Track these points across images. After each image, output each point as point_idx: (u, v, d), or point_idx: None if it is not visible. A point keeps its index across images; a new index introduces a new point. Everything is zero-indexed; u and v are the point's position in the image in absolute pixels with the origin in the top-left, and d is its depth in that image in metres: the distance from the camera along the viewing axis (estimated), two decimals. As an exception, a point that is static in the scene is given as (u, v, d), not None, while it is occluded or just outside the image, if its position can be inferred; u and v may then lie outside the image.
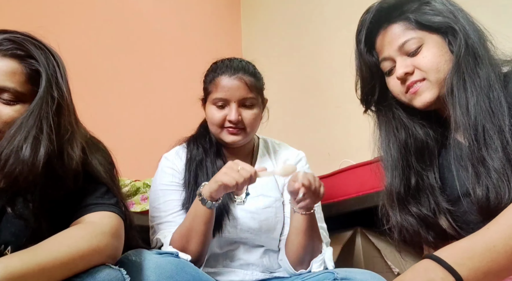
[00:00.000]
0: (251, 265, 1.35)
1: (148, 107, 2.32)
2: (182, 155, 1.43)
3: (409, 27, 0.99)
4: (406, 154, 1.03)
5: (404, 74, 0.98)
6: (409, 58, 0.99)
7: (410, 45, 0.98)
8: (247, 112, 1.37)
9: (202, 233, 1.23)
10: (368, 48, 1.06)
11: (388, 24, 1.02)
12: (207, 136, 1.44)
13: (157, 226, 1.35)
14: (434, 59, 0.96)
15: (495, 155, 0.88)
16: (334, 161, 1.96)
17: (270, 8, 2.80)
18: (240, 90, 1.35)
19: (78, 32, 2.11)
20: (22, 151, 0.90)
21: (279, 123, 2.11)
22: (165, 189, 1.38)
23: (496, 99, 0.90)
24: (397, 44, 0.99)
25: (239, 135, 1.37)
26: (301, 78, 2.48)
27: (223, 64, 1.40)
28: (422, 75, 0.97)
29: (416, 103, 1.00)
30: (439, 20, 0.96)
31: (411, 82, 0.98)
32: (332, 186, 1.73)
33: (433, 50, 0.97)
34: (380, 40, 1.03)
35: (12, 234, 0.98)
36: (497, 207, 0.86)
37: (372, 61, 1.06)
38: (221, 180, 1.17)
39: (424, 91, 0.98)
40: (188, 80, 1.52)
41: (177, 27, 2.61)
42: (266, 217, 1.35)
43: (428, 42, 0.97)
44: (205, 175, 1.36)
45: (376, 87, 1.08)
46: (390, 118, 1.07)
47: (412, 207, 1.01)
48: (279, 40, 2.68)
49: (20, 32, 1.01)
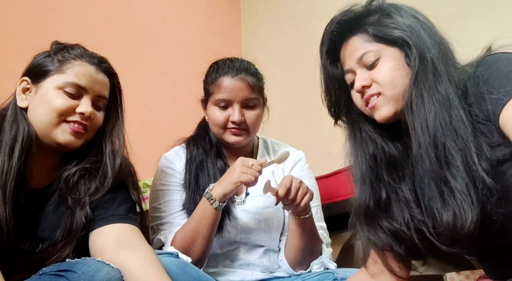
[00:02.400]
0: (251, 265, 1.35)
1: (147, 107, 2.32)
2: (182, 155, 1.43)
3: (367, 39, 0.96)
4: (375, 167, 0.99)
5: (362, 87, 0.96)
6: (368, 71, 0.96)
7: (368, 58, 0.96)
8: (249, 113, 1.36)
9: (207, 235, 1.23)
10: (333, 60, 1.04)
11: (349, 36, 1.00)
12: (206, 137, 1.44)
13: (158, 226, 1.34)
14: (389, 74, 0.93)
15: (458, 174, 0.83)
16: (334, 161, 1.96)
17: (270, 7, 2.80)
18: (243, 91, 1.35)
19: (77, 32, 2.11)
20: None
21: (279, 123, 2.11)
22: (165, 189, 1.38)
23: (457, 116, 0.86)
24: (356, 57, 0.97)
25: (242, 136, 1.36)
26: (301, 78, 2.48)
27: (225, 64, 1.39)
28: (378, 89, 0.94)
29: (376, 118, 0.96)
30: (396, 33, 0.94)
31: (368, 95, 0.96)
32: (332, 186, 1.72)
33: (389, 64, 0.94)
34: (342, 52, 1.02)
35: (49, 230, 1.08)
36: (460, 231, 0.82)
37: (337, 73, 1.04)
38: (239, 180, 1.18)
39: (381, 107, 0.94)
40: (188, 80, 1.52)
41: (177, 26, 2.61)
42: (266, 217, 1.35)
43: (386, 55, 0.95)
44: (206, 175, 1.36)
45: (341, 99, 1.05)
46: (356, 131, 1.04)
47: (383, 222, 0.97)
48: (279, 39, 2.68)
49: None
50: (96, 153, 1.15)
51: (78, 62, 1.11)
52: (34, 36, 1.96)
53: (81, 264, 0.92)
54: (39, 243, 1.07)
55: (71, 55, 1.12)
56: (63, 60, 1.11)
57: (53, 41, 1.17)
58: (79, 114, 1.09)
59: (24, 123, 1.08)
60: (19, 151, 1.04)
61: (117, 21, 2.33)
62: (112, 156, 1.14)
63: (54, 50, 1.14)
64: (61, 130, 1.08)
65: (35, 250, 1.07)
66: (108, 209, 1.11)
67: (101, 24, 2.25)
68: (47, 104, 1.08)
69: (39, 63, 1.12)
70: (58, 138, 1.08)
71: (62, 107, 1.07)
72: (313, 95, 2.53)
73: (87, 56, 1.14)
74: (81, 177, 1.12)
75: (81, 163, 1.14)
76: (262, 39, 2.82)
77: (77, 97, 1.10)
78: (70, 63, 1.11)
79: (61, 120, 1.08)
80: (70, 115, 1.08)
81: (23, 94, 1.12)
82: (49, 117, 1.07)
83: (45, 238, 1.08)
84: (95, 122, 1.13)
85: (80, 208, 1.08)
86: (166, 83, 2.46)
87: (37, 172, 1.11)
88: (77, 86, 1.09)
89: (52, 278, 0.92)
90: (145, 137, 2.18)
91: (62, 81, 1.09)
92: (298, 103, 2.47)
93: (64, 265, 0.95)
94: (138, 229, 1.12)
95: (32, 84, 1.12)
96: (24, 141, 1.05)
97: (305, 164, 1.48)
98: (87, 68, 1.11)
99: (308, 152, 1.57)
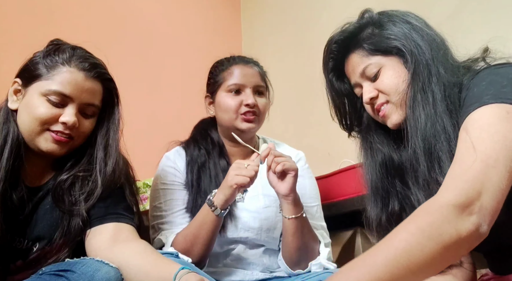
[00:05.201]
0: (251, 264, 1.35)
1: (147, 107, 2.32)
2: (183, 155, 1.42)
3: (365, 54, 1.00)
4: (386, 175, 1.03)
5: (370, 100, 1.00)
6: (372, 83, 1.00)
7: (369, 71, 0.99)
8: (260, 99, 1.40)
9: (207, 240, 1.24)
10: (338, 76, 1.08)
11: (349, 54, 1.04)
12: (208, 138, 1.44)
13: (158, 225, 1.34)
14: (391, 82, 0.97)
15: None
16: (334, 161, 1.96)
17: (270, 7, 2.80)
18: (254, 77, 1.40)
19: (77, 31, 2.10)
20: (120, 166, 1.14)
21: (279, 123, 2.11)
22: (166, 188, 1.37)
23: (446, 119, 0.88)
24: (359, 72, 1.01)
25: (254, 122, 1.37)
26: (301, 77, 2.48)
27: (232, 57, 1.45)
28: (385, 98, 0.98)
29: (389, 125, 1.00)
30: (391, 44, 0.97)
31: (378, 105, 1.00)
32: (332, 186, 1.72)
33: (390, 73, 0.97)
34: (346, 68, 1.06)
35: (46, 230, 1.07)
36: None
37: (344, 88, 1.08)
38: (234, 183, 1.19)
39: (391, 114, 0.98)
40: (188, 79, 1.52)
41: (177, 26, 2.61)
42: (267, 216, 1.35)
43: (385, 65, 0.98)
44: (208, 177, 1.36)
45: (351, 113, 1.09)
46: (367, 141, 1.07)
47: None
48: (279, 39, 2.68)
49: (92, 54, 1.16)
50: (88, 160, 1.14)
51: (66, 69, 1.07)
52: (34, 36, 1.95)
53: (80, 264, 0.92)
54: (36, 242, 1.07)
55: (60, 60, 1.08)
56: (51, 65, 1.07)
57: (50, 40, 1.15)
58: (62, 124, 1.06)
59: (14, 125, 1.07)
60: (8, 153, 1.04)
61: (116, 21, 2.33)
62: (103, 163, 1.12)
63: (45, 52, 1.10)
64: (44, 138, 1.06)
65: (32, 249, 1.07)
66: (104, 208, 1.11)
67: (100, 24, 2.25)
68: (30, 111, 1.06)
69: (30, 66, 1.10)
70: (41, 146, 1.07)
71: (45, 116, 1.05)
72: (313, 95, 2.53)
73: (77, 61, 1.08)
74: (73, 184, 1.11)
75: (74, 169, 1.12)
76: (262, 39, 2.82)
77: (61, 105, 1.06)
78: (57, 68, 1.07)
79: (43, 129, 1.06)
80: (52, 124, 1.06)
81: (15, 95, 1.10)
82: (31, 126, 1.06)
83: (42, 237, 1.08)
84: (81, 130, 1.10)
85: (75, 213, 1.08)
86: (166, 83, 2.46)
87: (31, 170, 1.11)
88: (61, 94, 1.05)
89: (51, 277, 0.93)
90: (145, 137, 2.18)
91: (47, 88, 1.05)
92: (298, 103, 2.47)
93: (64, 265, 0.95)
94: (133, 228, 1.11)
95: (22, 87, 1.09)
96: (13, 142, 1.05)
97: (305, 164, 1.49)
98: (74, 76, 1.07)
99: (308, 152, 1.57)
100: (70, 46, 1.13)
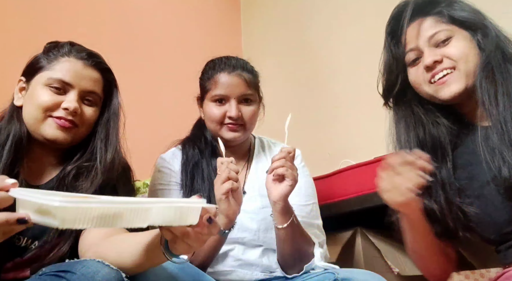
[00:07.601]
0: (250, 265, 1.35)
1: (147, 107, 2.31)
2: (178, 156, 1.43)
3: (441, 20, 1.03)
4: (422, 150, 1.03)
5: (433, 62, 1.01)
6: (438, 49, 1.02)
7: (439, 36, 1.02)
8: (246, 108, 1.38)
9: (209, 255, 1.25)
10: (396, 41, 1.09)
11: (420, 17, 1.05)
12: (202, 137, 1.44)
13: (156, 226, 1.34)
14: (463, 50, 1.00)
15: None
16: (334, 161, 1.96)
17: (270, 7, 2.80)
18: (239, 87, 1.36)
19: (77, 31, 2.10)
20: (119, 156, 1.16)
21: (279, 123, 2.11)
22: (163, 188, 1.38)
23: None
24: (427, 35, 1.02)
25: (239, 132, 1.37)
26: (301, 77, 2.48)
27: (221, 61, 1.41)
28: (452, 63, 1.00)
29: (443, 95, 1.01)
30: (472, 16, 1.01)
31: (439, 69, 1.01)
32: (332, 186, 1.72)
33: (463, 43, 1.01)
34: (410, 31, 1.06)
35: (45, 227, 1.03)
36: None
37: (398, 53, 1.08)
38: (221, 194, 1.14)
39: (453, 83, 1.00)
40: (188, 79, 1.52)
41: (177, 26, 2.61)
42: (264, 217, 1.35)
43: (458, 35, 1.01)
44: (201, 177, 1.36)
45: (398, 80, 1.10)
46: (409, 114, 1.09)
47: (424, 200, 1.02)
48: (279, 39, 2.68)
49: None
50: (91, 151, 1.16)
51: (65, 59, 1.13)
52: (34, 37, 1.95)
53: (80, 265, 0.91)
54: (35, 240, 1.08)
55: (60, 53, 1.14)
56: (52, 58, 1.13)
57: (47, 43, 1.19)
58: (64, 110, 1.09)
59: (17, 122, 1.11)
60: (8, 149, 1.06)
61: (116, 21, 2.33)
62: (104, 153, 1.14)
63: (45, 49, 1.16)
64: (48, 125, 1.10)
65: (31, 247, 1.07)
66: None
67: (100, 24, 2.25)
68: (34, 101, 1.10)
69: (32, 63, 1.16)
70: (46, 134, 1.10)
71: (47, 103, 1.09)
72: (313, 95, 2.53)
73: (75, 51, 1.14)
74: (77, 175, 1.13)
75: (78, 161, 1.15)
76: (262, 39, 2.82)
77: (63, 92, 1.11)
78: (58, 60, 1.13)
79: (46, 115, 1.10)
80: (55, 110, 1.10)
81: (20, 93, 1.15)
82: (35, 113, 1.10)
83: (41, 235, 1.08)
84: (85, 117, 1.13)
85: None
86: (166, 83, 2.45)
87: (37, 169, 1.13)
88: (62, 82, 1.10)
89: (51, 278, 0.92)
90: (145, 137, 2.17)
91: (48, 77, 1.11)
92: (298, 103, 2.46)
93: (64, 265, 0.95)
94: None
95: (26, 83, 1.15)
96: (14, 139, 1.08)
97: (301, 162, 1.48)
98: (73, 64, 1.13)
99: (308, 152, 1.57)
100: (69, 42, 1.18)
